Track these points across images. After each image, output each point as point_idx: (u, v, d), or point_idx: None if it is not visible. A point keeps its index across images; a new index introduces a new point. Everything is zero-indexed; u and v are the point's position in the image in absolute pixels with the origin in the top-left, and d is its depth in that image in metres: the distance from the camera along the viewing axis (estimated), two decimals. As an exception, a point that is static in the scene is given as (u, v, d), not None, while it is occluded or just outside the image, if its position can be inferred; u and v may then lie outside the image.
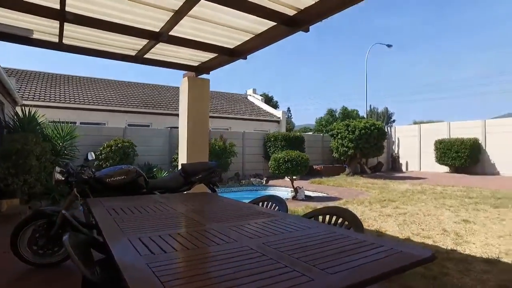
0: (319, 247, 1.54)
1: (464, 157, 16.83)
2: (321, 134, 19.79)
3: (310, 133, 28.30)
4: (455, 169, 17.42)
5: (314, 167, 16.89)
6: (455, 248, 4.33)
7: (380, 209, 7.12)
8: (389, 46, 27.56)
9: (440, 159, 17.82)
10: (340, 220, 2.27)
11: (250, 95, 24.32)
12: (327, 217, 2.36)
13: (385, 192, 9.82)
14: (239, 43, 4.81)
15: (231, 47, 5.01)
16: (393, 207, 7.22)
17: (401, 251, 1.40)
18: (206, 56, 5.48)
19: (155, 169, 12.26)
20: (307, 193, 11.30)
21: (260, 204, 3.18)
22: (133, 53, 5.39)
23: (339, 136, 15.81)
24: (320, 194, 10.51)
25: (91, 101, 16.27)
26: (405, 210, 6.87)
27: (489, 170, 16.97)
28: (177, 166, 13.53)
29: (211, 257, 1.42)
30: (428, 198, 8.40)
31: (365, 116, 24.52)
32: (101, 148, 11.40)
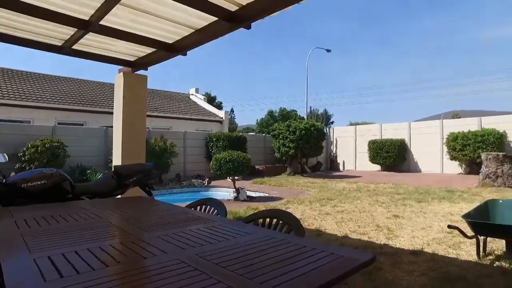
0: (258, 256, 1.44)
1: (393, 156, 18.21)
2: (263, 135, 20.05)
3: (253, 133, 28.56)
4: (386, 168, 18.77)
5: (256, 167, 17.02)
6: (387, 243, 4.56)
7: (319, 207, 7.33)
8: (328, 51, 28.81)
9: (373, 159, 19.07)
10: (280, 223, 2.20)
11: (193, 95, 23.79)
12: (267, 220, 2.28)
13: (324, 191, 10.18)
14: (178, 38, 4.57)
15: (170, 42, 4.74)
16: (331, 206, 7.48)
17: (342, 256, 1.35)
18: (143, 50, 5.14)
19: (89, 171, 11.35)
20: (249, 193, 11.29)
21: (198, 208, 3.01)
22: (59, 43, 4.85)
23: (280, 137, 16.11)
24: (262, 194, 10.56)
25: (12, 95, 14.58)
26: (342, 208, 7.15)
27: (413, 168, 18.57)
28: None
29: (135, 275, 1.24)
30: (363, 196, 8.87)
31: (305, 117, 25.35)
32: (24, 149, 10.25)
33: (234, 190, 9.23)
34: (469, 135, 16.19)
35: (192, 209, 3.03)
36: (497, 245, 4.21)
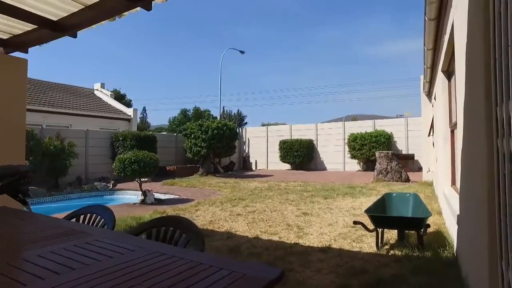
0: (142, 280, 1.08)
1: (302, 155, 19.19)
2: (175, 134, 19.21)
3: (164, 132, 27.26)
4: (296, 167, 19.68)
5: (168, 168, 16.20)
6: (297, 242, 4.54)
7: (231, 208, 7.12)
8: (242, 52, 29.09)
9: (284, 158, 19.82)
10: (178, 232, 1.85)
11: (98, 90, 21.59)
12: (163, 229, 1.91)
13: (236, 190, 10.05)
14: (65, 14, 3.84)
15: (55, 19, 3.97)
16: (243, 206, 7.34)
17: (244, 275, 1.07)
18: (21, 27, 4.22)
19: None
20: (158, 195, 10.57)
21: (82, 217, 2.47)
22: None
23: (192, 136, 15.59)
24: (172, 196, 9.96)
25: None
26: (254, 208, 7.07)
27: (320, 166, 19.85)
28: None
29: None
30: (274, 195, 8.98)
31: (218, 117, 25.17)
32: None
33: (142, 192, 8.48)
34: (366, 136, 17.93)
35: (74, 220, 2.49)
36: (392, 235, 4.52)
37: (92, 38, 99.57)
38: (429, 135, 9.52)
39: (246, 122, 60.38)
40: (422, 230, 3.67)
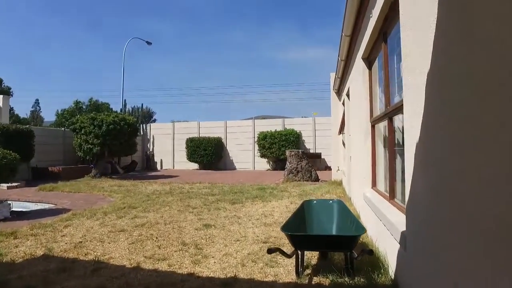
0: None
1: (211, 154, 18.07)
2: (63, 129, 16.22)
3: (52, 127, 23.29)
4: (204, 166, 18.46)
5: (50, 169, 13.47)
6: (192, 270, 3.38)
7: (114, 221, 5.59)
8: (148, 43, 26.54)
9: (191, 157, 18.43)
10: None
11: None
12: None
13: (130, 195, 8.42)
14: None
15: None
16: (131, 217, 5.87)
17: None
18: None
19: None
20: (20, 208, 8.32)
21: None
22: None
23: (83, 132, 13.15)
24: (44, 206, 7.86)
25: None
26: (144, 220, 5.66)
27: (229, 165, 19.00)
28: None
29: None
30: (174, 200, 7.64)
31: (121, 111, 22.42)
32: None
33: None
34: (275, 134, 17.67)
35: None
36: (313, 254, 3.69)
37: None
38: (339, 133, 9.32)
39: (155, 120, 56.68)
40: (353, 251, 2.85)
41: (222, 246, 4.22)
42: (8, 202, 7.13)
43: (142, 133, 19.89)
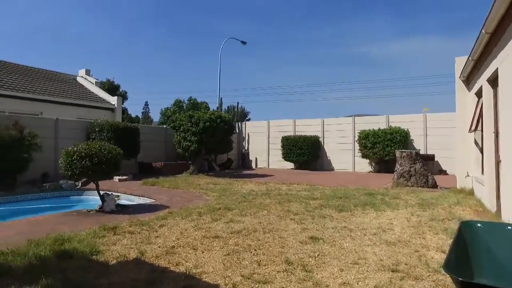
0: None
1: (307, 153, 17.12)
2: (164, 127, 17.19)
3: (156, 126, 25.28)
4: (300, 166, 17.63)
5: (153, 164, 14.24)
6: (303, 305, 2.53)
7: (209, 224, 5.11)
8: (243, 42, 26.99)
9: (286, 156, 17.78)
10: None
11: (81, 77, 19.62)
12: None
13: (225, 195, 8.05)
14: None
15: None
16: (226, 221, 5.32)
17: None
18: None
19: None
20: (129, 199, 8.67)
21: None
22: None
23: (181, 129, 13.57)
24: (144, 201, 7.99)
25: None
26: (241, 225, 5.04)
27: (326, 166, 17.77)
28: None
29: None
30: (272, 203, 6.95)
31: (217, 109, 23.13)
32: None
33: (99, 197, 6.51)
34: (379, 133, 15.82)
35: None
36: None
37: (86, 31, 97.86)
38: (473, 130, 7.45)
39: (249, 119, 58.29)
40: None
41: (336, 269, 3.28)
42: (116, 194, 7.37)
43: (237, 131, 20.05)
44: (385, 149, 15.32)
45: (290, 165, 18.21)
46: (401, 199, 7.38)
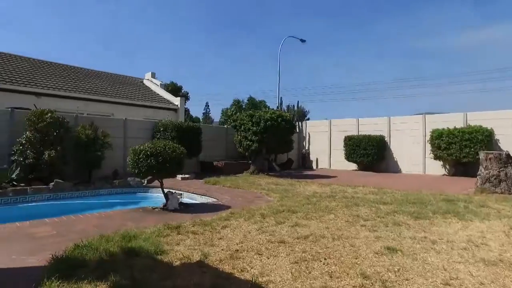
0: None
1: (372, 154, 16.14)
2: (225, 126, 17.43)
3: (217, 125, 25.87)
4: (364, 167, 16.69)
5: (215, 163, 14.47)
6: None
7: (273, 227, 4.86)
8: (302, 41, 26.48)
9: (349, 156, 16.95)
10: None
11: (148, 80, 20.79)
12: None
13: (288, 196, 7.76)
14: None
15: None
16: (291, 224, 5.03)
17: None
18: None
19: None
20: (191, 197, 8.78)
21: None
22: None
23: (242, 128, 13.59)
24: (206, 200, 8.03)
25: None
26: (307, 230, 4.71)
27: (393, 168, 16.58)
28: (19, 160, 9.74)
29: None
30: (338, 206, 6.49)
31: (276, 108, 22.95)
32: None
33: (171, 193, 6.63)
34: (455, 132, 14.30)
35: None
36: None
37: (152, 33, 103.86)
38: None
39: (308, 118, 57.34)
40: None
41: (423, 289, 2.81)
42: (179, 193, 7.50)
43: (297, 131, 19.66)
44: (463, 150, 13.80)
45: (353, 166, 17.34)
46: (490, 208, 6.44)
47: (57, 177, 9.22)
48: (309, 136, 19.80)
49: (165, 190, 6.65)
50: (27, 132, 9.35)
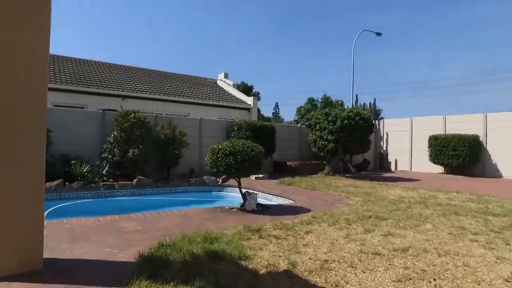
0: None
1: (463, 156, 14.34)
2: (299, 125, 17.01)
3: (290, 124, 25.54)
4: (452, 170, 14.94)
5: (288, 163, 14.18)
6: None
7: (362, 235, 4.36)
8: (378, 34, 24.87)
9: (435, 158, 15.31)
10: None
11: (221, 80, 21.34)
12: None
13: (371, 200, 7.11)
14: None
15: None
16: (383, 233, 4.47)
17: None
18: None
19: (74, 162, 9.25)
20: (267, 198, 8.56)
21: None
22: None
23: (317, 127, 13.06)
24: (283, 201, 7.74)
25: None
26: (404, 241, 4.12)
27: (490, 172, 14.53)
28: (108, 158, 10.58)
29: None
30: (434, 214, 5.69)
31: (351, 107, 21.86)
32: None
33: (248, 192, 6.51)
34: None
35: None
36: None
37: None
38: None
39: (382, 118, 54.09)
40: None
41: None
42: (255, 193, 7.34)
43: (374, 130, 18.43)
44: None
45: (438, 168, 15.64)
46: None
47: (139, 174, 9.78)
48: (387, 135, 18.43)
49: (243, 190, 6.51)
50: (114, 132, 10.08)
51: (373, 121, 13.93)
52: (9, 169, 2.97)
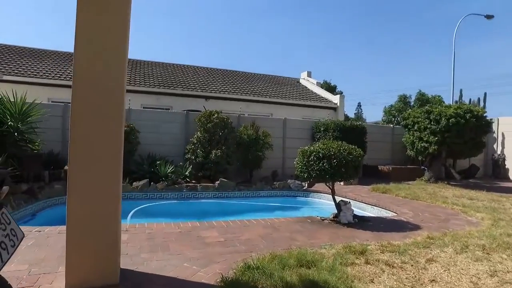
0: None
1: None
2: (391, 126, 15.26)
3: (381, 124, 23.46)
4: None
5: (380, 168, 12.70)
6: None
7: (510, 269, 3.15)
8: (488, 17, 21.32)
9: None
10: None
11: (304, 79, 20.49)
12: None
13: (503, 219, 5.57)
14: None
15: None
16: (550, 273, 3.17)
17: None
18: None
19: (158, 162, 9.37)
20: (361, 208, 7.50)
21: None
22: None
23: (415, 128, 11.37)
24: (382, 213, 6.61)
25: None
26: None
27: None
28: (191, 159, 10.56)
29: None
30: None
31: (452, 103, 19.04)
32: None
33: (340, 201, 5.63)
34: None
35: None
36: None
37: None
38: None
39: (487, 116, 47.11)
40: None
41: None
42: (347, 200, 6.37)
43: (492, 130, 15.59)
44: None
45: None
46: None
47: (221, 176, 9.49)
48: (503, 136, 15.46)
49: (337, 199, 5.60)
50: (198, 133, 9.99)
51: (490, 120, 11.59)
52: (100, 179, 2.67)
